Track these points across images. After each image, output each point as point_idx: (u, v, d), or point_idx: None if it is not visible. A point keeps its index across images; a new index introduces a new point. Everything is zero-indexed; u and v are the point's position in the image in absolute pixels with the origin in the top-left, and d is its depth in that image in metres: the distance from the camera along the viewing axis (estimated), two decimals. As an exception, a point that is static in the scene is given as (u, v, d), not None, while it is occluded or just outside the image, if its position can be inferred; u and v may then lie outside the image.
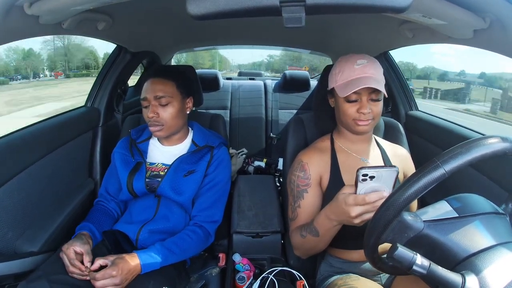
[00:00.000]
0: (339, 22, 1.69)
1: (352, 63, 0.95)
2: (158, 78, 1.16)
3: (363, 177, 0.71)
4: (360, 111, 0.95)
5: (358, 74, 0.93)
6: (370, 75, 0.93)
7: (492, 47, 0.95)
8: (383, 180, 0.71)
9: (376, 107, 0.96)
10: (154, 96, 1.12)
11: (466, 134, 1.33)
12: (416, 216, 0.64)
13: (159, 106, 1.13)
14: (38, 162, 1.22)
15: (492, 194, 1.01)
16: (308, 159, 1.04)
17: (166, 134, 1.17)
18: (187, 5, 0.66)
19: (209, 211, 1.17)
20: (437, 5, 0.82)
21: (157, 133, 1.16)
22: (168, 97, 1.13)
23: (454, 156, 0.56)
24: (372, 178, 0.71)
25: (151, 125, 1.14)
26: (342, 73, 0.96)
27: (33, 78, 17.36)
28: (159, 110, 1.13)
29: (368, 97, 0.94)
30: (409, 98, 1.85)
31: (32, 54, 17.66)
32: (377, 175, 0.71)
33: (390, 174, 0.71)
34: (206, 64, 17.54)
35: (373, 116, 0.96)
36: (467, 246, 0.60)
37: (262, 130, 2.65)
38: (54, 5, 0.85)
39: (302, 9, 0.65)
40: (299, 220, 1.02)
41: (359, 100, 0.95)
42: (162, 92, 1.13)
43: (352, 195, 0.74)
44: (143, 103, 1.15)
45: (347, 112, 0.97)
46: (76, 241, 0.99)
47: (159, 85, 1.14)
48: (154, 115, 1.12)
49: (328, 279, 1.03)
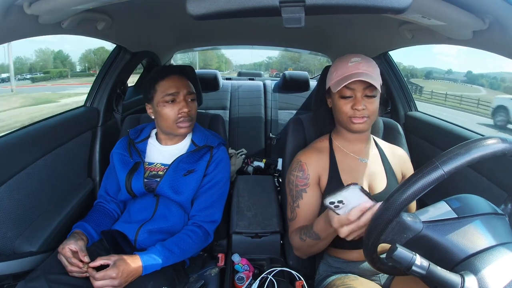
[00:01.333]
0: (338, 22, 1.70)
1: (346, 61, 0.97)
2: (182, 76, 1.18)
3: (333, 206, 0.70)
4: (354, 107, 0.95)
5: (351, 71, 0.95)
6: (363, 71, 0.94)
7: (491, 48, 0.95)
8: (353, 199, 0.70)
9: (371, 104, 0.96)
10: (188, 91, 1.15)
11: (466, 135, 1.33)
12: (415, 217, 0.64)
13: (189, 101, 1.16)
14: (37, 162, 1.22)
15: (491, 194, 1.02)
16: (307, 159, 1.04)
17: (190, 130, 1.21)
18: (186, 5, 0.66)
19: (208, 210, 1.17)
20: (437, 6, 0.82)
21: (187, 129, 1.17)
22: (195, 94, 1.19)
23: (453, 157, 0.56)
24: (341, 202, 0.69)
25: (184, 121, 1.15)
26: (337, 71, 0.98)
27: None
28: (190, 106, 1.16)
29: (362, 93, 0.95)
30: (408, 99, 1.85)
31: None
32: (343, 198, 0.69)
33: (354, 191, 0.68)
34: (214, 65, 19.42)
35: (368, 114, 0.96)
36: (466, 247, 0.60)
37: (261, 131, 2.65)
38: (53, 5, 0.84)
39: (302, 10, 0.65)
40: (298, 220, 1.02)
41: (353, 97, 0.96)
42: (191, 89, 1.17)
43: (335, 218, 0.73)
44: (167, 98, 1.13)
45: (342, 109, 0.98)
46: (69, 240, 1.00)
47: (186, 82, 1.17)
48: (189, 109, 1.14)
49: (327, 279, 1.03)
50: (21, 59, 13.43)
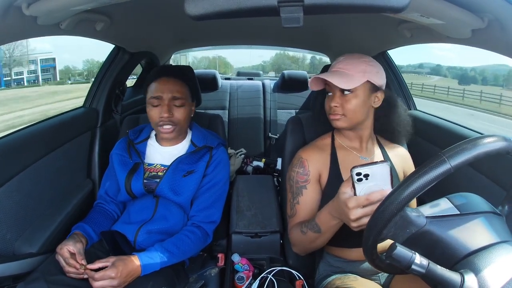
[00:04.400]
0: (337, 22, 1.70)
1: (336, 61, 1.01)
2: (174, 78, 1.15)
3: (358, 177, 0.71)
4: (331, 104, 0.98)
5: (330, 69, 0.99)
6: (338, 69, 0.97)
7: (490, 46, 0.95)
8: (379, 177, 0.71)
9: (346, 103, 0.97)
10: (172, 96, 1.12)
11: (466, 134, 1.33)
12: (419, 212, 0.64)
13: (174, 106, 1.13)
14: (36, 163, 1.22)
15: (490, 193, 1.02)
16: (308, 156, 1.04)
17: (176, 135, 1.17)
18: (185, 5, 0.66)
19: (208, 211, 1.17)
20: (435, 5, 0.82)
21: (169, 134, 1.15)
22: (183, 99, 1.14)
23: (460, 152, 0.56)
24: (367, 177, 0.71)
25: (164, 124, 1.13)
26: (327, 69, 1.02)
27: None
28: (173, 110, 1.12)
29: (339, 91, 0.97)
30: (408, 98, 1.86)
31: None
32: (371, 172, 0.71)
33: (383, 169, 0.71)
34: (221, 70, 20.26)
35: (342, 112, 0.97)
36: (468, 244, 0.60)
37: (260, 130, 2.65)
38: (52, 6, 0.84)
39: (300, 9, 0.65)
40: (298, 216, 1.02)
41: (331, 94, 0.99)
42: (179, 93, 1.13)
43: (353, 198, 0.74)
44: (153, 102, 1.13)
45: (325, 106, 1.02)
46: (68, 241, 0.99)
47: (176, 85, 1.14)
48: (169, 114, 1.11)
49: (327, 278, 1.03)
50: (68, 68, 14.53)
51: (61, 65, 12.01)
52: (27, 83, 9.52)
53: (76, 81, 12.51)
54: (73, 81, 12.69)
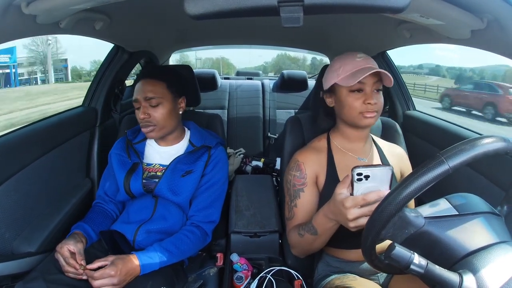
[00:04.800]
0: (337, 22, 1.70)
1: (353, 57, 0.97)
2: (148, 79, 1.16)
3: (358, 177, 0.71)
4: (367, 101, 0.94)
5: (361, 65, 0.95)
6: (372, 65, 0.95)
7: (489, 47, 0.95)
8: (378, 179, 0.71)
9: (380, 99, 0.97)
10: (144, 97, 1.13)
11: (464, 134, 1.33)
12: (417, 212, 0.64)
13: (150, 107, 1.13)
14: (35, 162, 1.21)
15: (489, 193, 1.02)
16: (304, 159, 1.04)
17: (159, 134, 1.17)
18: (184, 5, 0.65)
19: (207, 211, 1.17)
20: (435, 5, 0.82)
21: (149, 134, 1.16)
22: (158, 98, 1.13)
23: (458, 152, 0.56)
24: (367, 178, 0.71)
25: (143, 126, 1.14)
26: (345, 66, 0.96)
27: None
28: (150, 111, 1.12)
29: (372, 87, 0.95)
30: (407, 98, 1.86)
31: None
32: (372, 174, 0.70)
33: (385, 173, 0.71)
34: (224, 71, 20.75)
35: (377, 108, 0.96)
36: (466, 244, 0.60)
37: (260, 130, 2.64)
38: (51, 5, 0.84)
39: (300, 9, 0.65)
40: (296, 219, 1.02)
41: (362, 92, 0.95)
42: (152, 93, 1.13)
43: (350, 197, 0.74)
44: (135, 105, 1.16)
45: (353, 105, 0.96)
46: (69, 240, 0.99)
47: (149, 86, 1.14)
48: (145, 116, 1.12)
49: (326, 278, 1.03)
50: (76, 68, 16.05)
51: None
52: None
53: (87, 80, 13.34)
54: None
